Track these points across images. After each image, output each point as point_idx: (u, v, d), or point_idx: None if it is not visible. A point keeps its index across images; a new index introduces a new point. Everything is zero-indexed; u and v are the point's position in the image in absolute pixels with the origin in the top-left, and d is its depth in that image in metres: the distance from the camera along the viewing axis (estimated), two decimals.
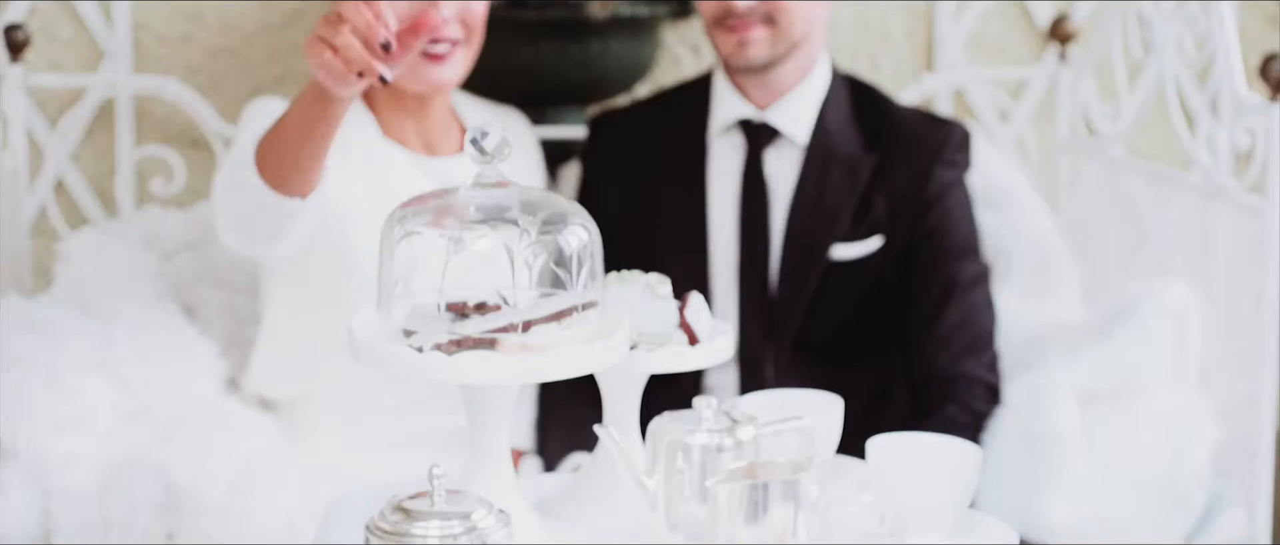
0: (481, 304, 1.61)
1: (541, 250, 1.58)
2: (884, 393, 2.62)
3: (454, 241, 1.57)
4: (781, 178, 2.62)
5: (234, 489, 2.15)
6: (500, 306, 1.60)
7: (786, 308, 2.57)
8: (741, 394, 2.56)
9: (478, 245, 1.57)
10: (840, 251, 2.58)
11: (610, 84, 3.03)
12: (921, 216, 2.57)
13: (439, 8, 2.34)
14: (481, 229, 1.58)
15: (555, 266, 1.59)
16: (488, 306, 1.61)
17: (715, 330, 1.83)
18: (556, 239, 1.60)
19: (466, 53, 2.46)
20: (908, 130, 2.63)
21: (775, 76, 2.60)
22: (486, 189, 1.63)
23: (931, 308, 2.55)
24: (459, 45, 2.44)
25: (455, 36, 2.43)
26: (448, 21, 2.38)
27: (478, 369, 1.55)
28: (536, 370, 1.57)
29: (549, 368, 1.57)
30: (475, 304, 1.61)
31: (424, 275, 1.59)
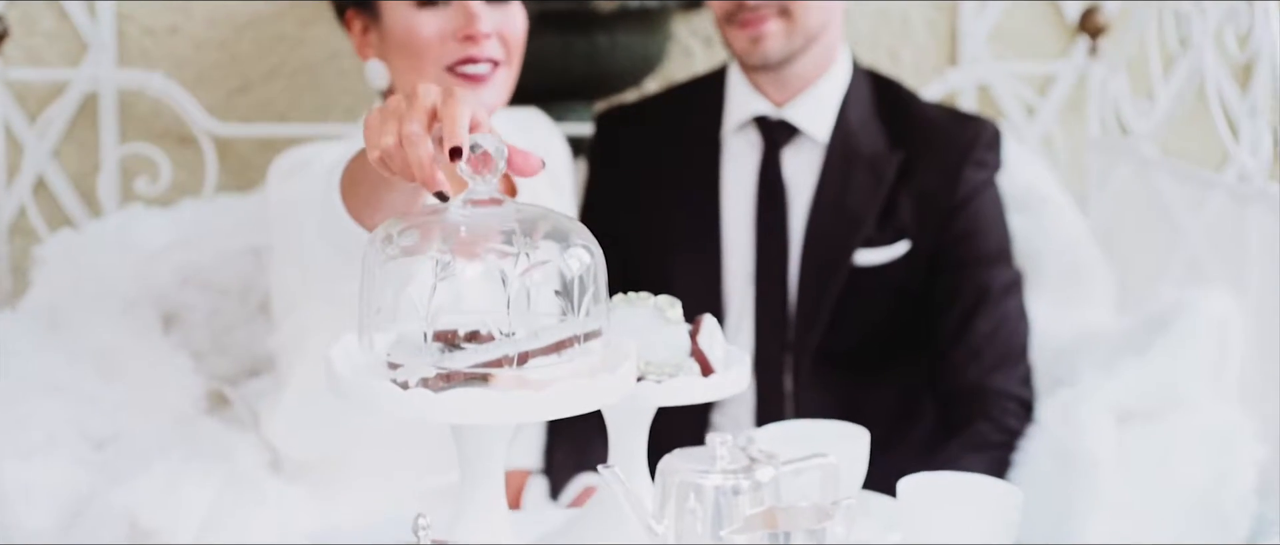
0: (473, 333, 1.46)
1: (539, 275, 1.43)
2: (909, 407, 2.53)
3: (442, 266, 1.41)
4: (800, 178, 2.51)
5: (205, 529, 2.00)
6: (494, 336, 1.45)
7: (806, 317, 2.47)
8: (758, 407, 2.48)
9: (468, 271, 1.42)
10: (863, 257, 2.47)
11: (618, 79, 2.93)
12: (950, 219, 2.47)
13: (476, 22, 2.20)
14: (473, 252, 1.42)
15: (555, 292, 1.44)
16: (480, 336, 1.46)
17: (730, 357, 1.68)
18: (556, 263, 1.44)
19: (507, 74, 2.29)
20: (935, 128, 2.52)
21: (793, 72, 2.49)
22: (479, 207, 1.47)
23: (961, 317, 2.44)
24: (500, 66, 2.27)
25: (495, 56, 2.26)
26: (487, 38, 2.22)
27: (467, 407, 1.40)
28: (533, 408, 1.42)
29: (547, 405, 1.42)
30: (466, 333, 1.46)
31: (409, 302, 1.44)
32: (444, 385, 1.43)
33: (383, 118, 1.51)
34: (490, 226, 1.45)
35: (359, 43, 2.30)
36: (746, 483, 1.51)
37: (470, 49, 2.21)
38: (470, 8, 2.21)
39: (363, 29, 2.28)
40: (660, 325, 1.64)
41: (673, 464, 1.54)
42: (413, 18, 2.22)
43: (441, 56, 2.22)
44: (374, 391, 1.42)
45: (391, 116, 1.50)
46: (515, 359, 1.44)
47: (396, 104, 1.50)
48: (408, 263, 1.44)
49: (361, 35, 2.29)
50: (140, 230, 2.60)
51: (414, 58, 2.22)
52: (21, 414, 2.14)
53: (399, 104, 1.50)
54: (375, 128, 1.51)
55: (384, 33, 2.25)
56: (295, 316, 2.24)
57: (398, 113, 1.49)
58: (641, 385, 1.60)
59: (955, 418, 2.42)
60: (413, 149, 1.47)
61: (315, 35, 3.00)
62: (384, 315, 1.47)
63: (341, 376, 1.45)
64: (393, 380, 1.43)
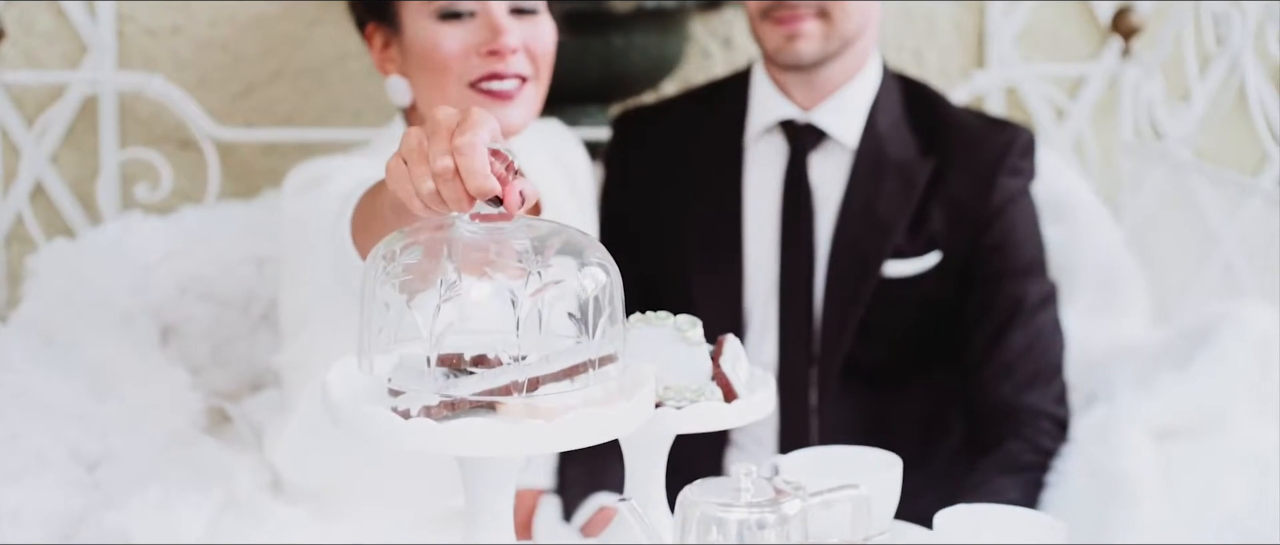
0: (480, 357, 1.36)
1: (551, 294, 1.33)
2: (937, 423, 2.46)
3: (447, 285, 1.31)
4: (827, 185, 2.43)
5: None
6: (502, 361, 1.35)
7: (832, 329, 2.39)
8: (782, 422, 2.41)
9: (475, 290, 1.32)
10: (893, 267, 2.39)
11: (634, 81, 2.85)
12: (983, 230, 2.39)
13: (502, 36, 2.10)
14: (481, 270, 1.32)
15: (568, 314, 1.34)
16: (488, 360, 1.36)
17: (754, 380, 1.58)
18: (569, 282, 1.34)
19: (536, 90, 2.19)
20: (967, 134, 2.44)
21: (823, 75, 2.42)
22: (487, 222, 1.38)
23: (994, 331, 2.37)
24: (527, 82, 2.16)
25: (522, 72, 2.15)
26: (514, 53, 2.11)
27: (472, 438, 1.30)
28: (543, 439, 1.32)
29: (558, 436, 1.32)
30: (473, 357, 1.36)
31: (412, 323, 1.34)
32: (448, 414, 1.33)
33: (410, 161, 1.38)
34: (500, 243, 1.35)
35: (379, 58, 2.20)
36: (772, 517, 1.41)
37: (496, 65, 2.11)
38: (496, 21, 2.11)
39: (383, 43, 2.19)
40: (680, 347, 1.55)
41: (694, 496, 1.45)
42: (435, 31, 2.12)
43: (465, 72, 2.12)
44: (372, 420, 1.32)
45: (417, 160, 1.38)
46: (525, 385, 1.34)
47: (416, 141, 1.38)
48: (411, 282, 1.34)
49: (382, 50, 2.20)
50: (138, 239, 2.51)
51: (436, 74, 2.12)
52: (11, 433, 2.05)
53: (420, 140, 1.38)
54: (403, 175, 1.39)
55: (405, 47, 2.15)
56: (303, 336, 2.16)
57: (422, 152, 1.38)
58: (660, 412, 1.50)
59: (987, 437, 2.34)
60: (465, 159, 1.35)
61: (321, 36, 2.91)
62: (385, 336, 1.37)
63: (338, 403, 1.35)
64: (393, 408, 1.33)
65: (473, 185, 1.34)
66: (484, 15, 2.11)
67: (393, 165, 1.39)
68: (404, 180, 1.38)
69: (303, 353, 2.14)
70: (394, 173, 1.39)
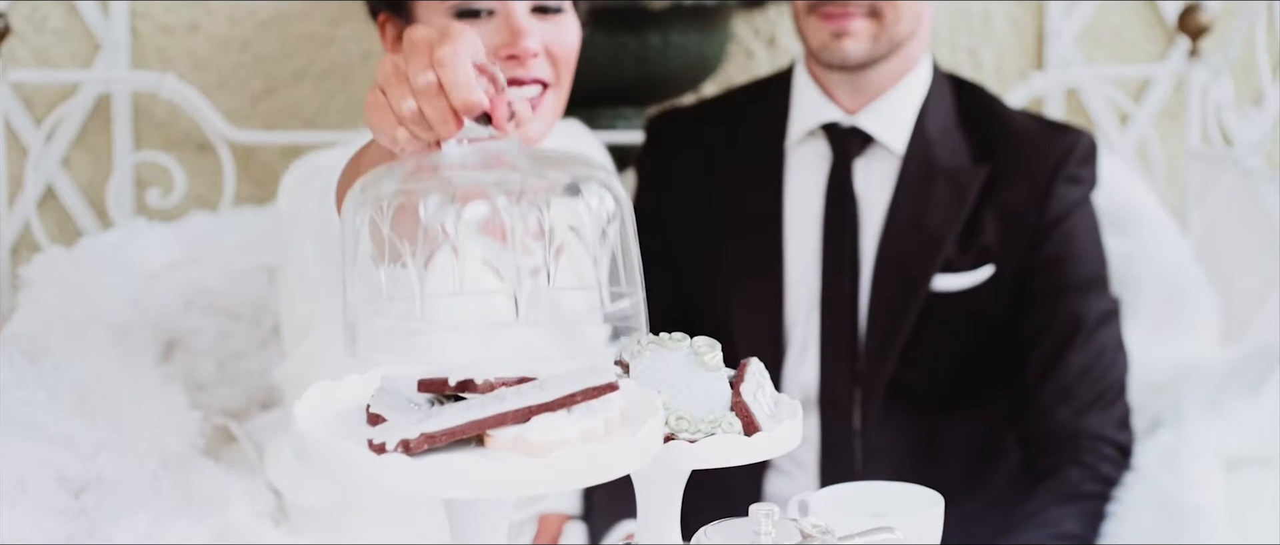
0: (465, 382, 1.22)
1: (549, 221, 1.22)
2: (991, 448, 2.35)
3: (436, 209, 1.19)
4: (873, 193, 2.31)
5: None
6: (491, 385, 1.21)
7: (877, 347, 2.27)
8: (823, 446, 2.29)
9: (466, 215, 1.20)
10: (943, 282, 2.27)
11: (672, 82, 2.74)
12: (1040, 242, 2.27)
13: (522, 39, 1.97)
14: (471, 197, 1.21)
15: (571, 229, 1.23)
16: (475, 385, 1.22)
17: (779, 410, 1.43)
18: (571, 204, 1.24)
19: (556, 97, 2.06)
20: (1024, 139, 2.32)
21: (870, 77, 2.30)
22: (479, 145, 1.26)
23: (1051, 351, 2.25)
24: (548, 89, 2.04)
25: (543, 77, 2.02)
26: (535, 57, 1.98)
27: (452, 478, 1.16)
28: (533, 479, 1.17)
29: (550, 476, 1.17)
30: (458, 382, 1.22)
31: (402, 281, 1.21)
32: (427, 447, 1.18)
33: (388, 87, 1.29)
34: (497, 163, 1.25)
35: (391, 50, 2.07)
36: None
37: (515, 69, 1.98)
38: (517, 22, 1.97)
39: (396, 36, 2.07)
40: (696, 372, 1.40)
41: (711, 538, 1.30)
42: None
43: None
44: (341, 455, 1.17)
45: (396, 83, 1.29)
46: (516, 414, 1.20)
47: (391, 66, 1.29)
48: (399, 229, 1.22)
49: (394, 42, 2.08)
50: (139, 247, 2.40)
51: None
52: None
53: (396, 64, 1.29)
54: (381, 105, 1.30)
55: None
56: (304, 345, 2.03)
57: (400, 75, 1.29)
58: (670, 446, 1.35)
59: (1043, 463, 2.23)
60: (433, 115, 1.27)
61: (345, 34, 2.80)
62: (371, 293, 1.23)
63: (305, 435, 1.20)
64: (369, 440, 1.19)
65: (458, 98, 1.26)
66: (504, 15, 1.98)
67: (370, 99, 1.29)
68: (382, 110, 1.29)
69: (304, 363, 2.04)
70: (372, 105, 1.29)
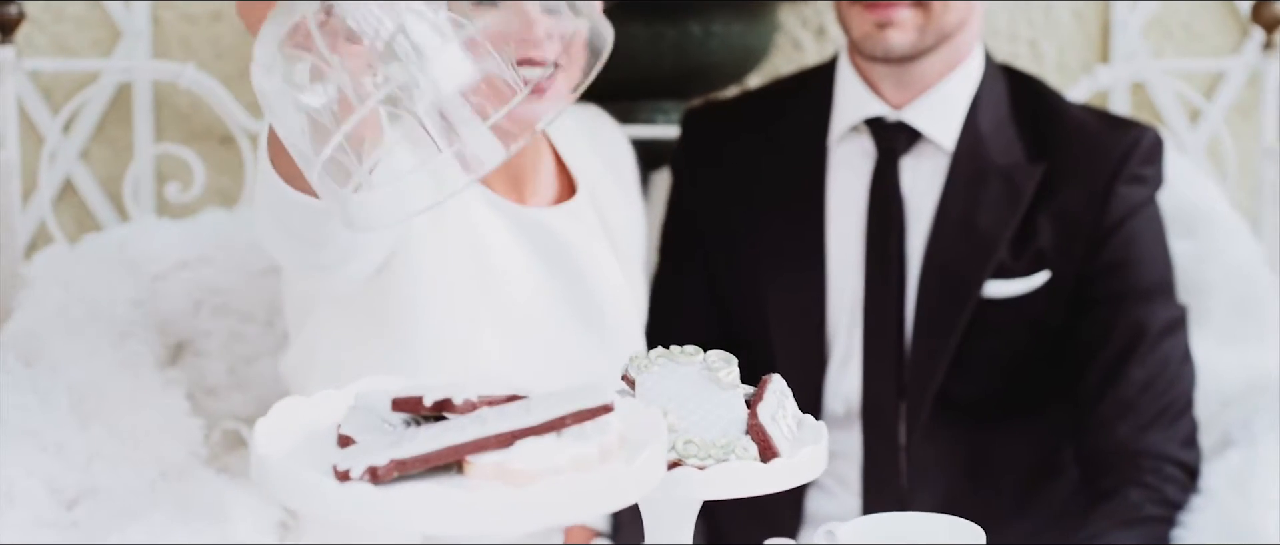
0: (443, 402, 1.10)
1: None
2: (1047, 466, 2.24)
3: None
4: (921, 193, 2.21)
5: None
6: (474, 404, 1.09)
7: (925, 357, 2.17)
8: (866, 462, 2.20)
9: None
10: (994, 288, 2.17)
11: (714, 74, 2.63)
12: (1100, 245, 2.17)
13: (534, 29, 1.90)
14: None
15: None
16: (453, 404, 1.10)
17: (803, 433, 1.30)
18: None
19: (566, 80, 1.97)
20: (1083, 135, 2.21)
21: (916, 70, 2.19)
22: None
23: (1111, 362, 2.15)
24: (561, 69, 1.95)
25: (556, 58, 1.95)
26: (549, 39, 1.91)
27: (422, 511, 1.04)
28: (513, 511, 1.05)
29: (536, 507, 1.05)
30: (435, 401, 1.10)
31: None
32: (397, 474, 1.06)
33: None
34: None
35: None
36: None
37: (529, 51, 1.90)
38: (528, 12, 1.88)
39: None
40: (709, 390, 1.28)
41: None
42: None
43: None
44: (300, 483, 1.05)
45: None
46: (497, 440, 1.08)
47: None
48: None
49: None
50: (147, 245, 2.31)
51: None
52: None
53: None
54: None
55: None
56: (305, 332, 1.99)
57: None
58: (676, 473, 1.22)
59: (1102, 484, 2.12)
60: None
61: None
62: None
63: (263, 458, 1.09)
64: (335, 467, 1.07)
65: None
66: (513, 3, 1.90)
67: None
68: None
69: (305, 352, 1.97)
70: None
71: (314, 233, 1.66)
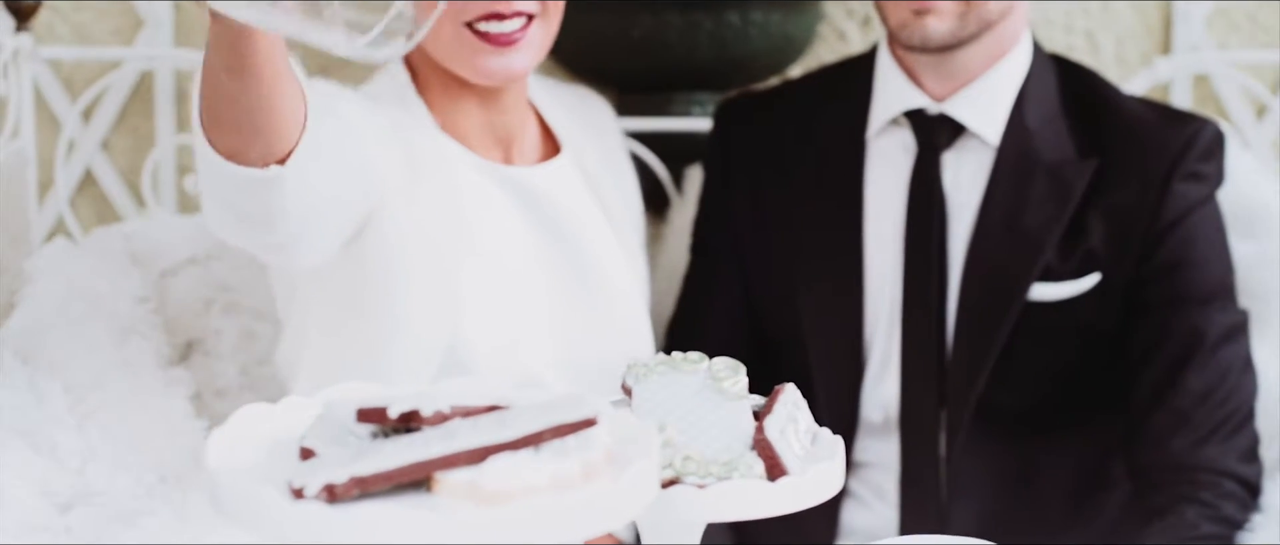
0: (410, 413, 1.00)
1: None
2: (1097, 480, 2.13)
3: None
4: (964, 190, 2.11)
5: None
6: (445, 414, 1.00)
7: (967, 363, 2.07)
8: (904, 475, 2.10)
9: None
10: (1041, 290, 2.06)
11: (753, 66, 2.52)
12: (1154, 246, 2.06)
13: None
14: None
15: None
16: (421, 416, 1.00)
17: (817, 448, 1.20)
18: None
19: (543, 31, 1.95)
20: (1138, 129, 2.10)
21: (958, 60, 2.08)
22: None
23: (1166, 371, 2.04)
24: (533, 21, 1.92)
25: (528, 9, 1.91)
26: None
27: (384, 531, 0.94)
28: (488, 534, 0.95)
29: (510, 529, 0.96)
30: (402, 412, 1.00)
31: None
32: (357, 491, 0.97)
33: None
34: None
35: None
36: None
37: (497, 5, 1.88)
38: None
39: None
40: (714, 400, 1.17)
41: None
42: None
43: (461, 9, 1.87)
44: (249, 501, 0.96)
45: None
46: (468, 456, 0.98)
47: None
48: None
49: None
50: (155, 240, 2.23)
51: (422, 12, 1.86)
52: None
53: None
54: None
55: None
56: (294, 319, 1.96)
57: None
58: (673, 492, 1.12)
59: (1156, 500, 2.01)
60: None
61: None
62: None
63: (214, 472, 0.99)
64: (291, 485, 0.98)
65: None
66: None
67: None
68: None
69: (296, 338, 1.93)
70: None
71: (262, 209, 1.59)
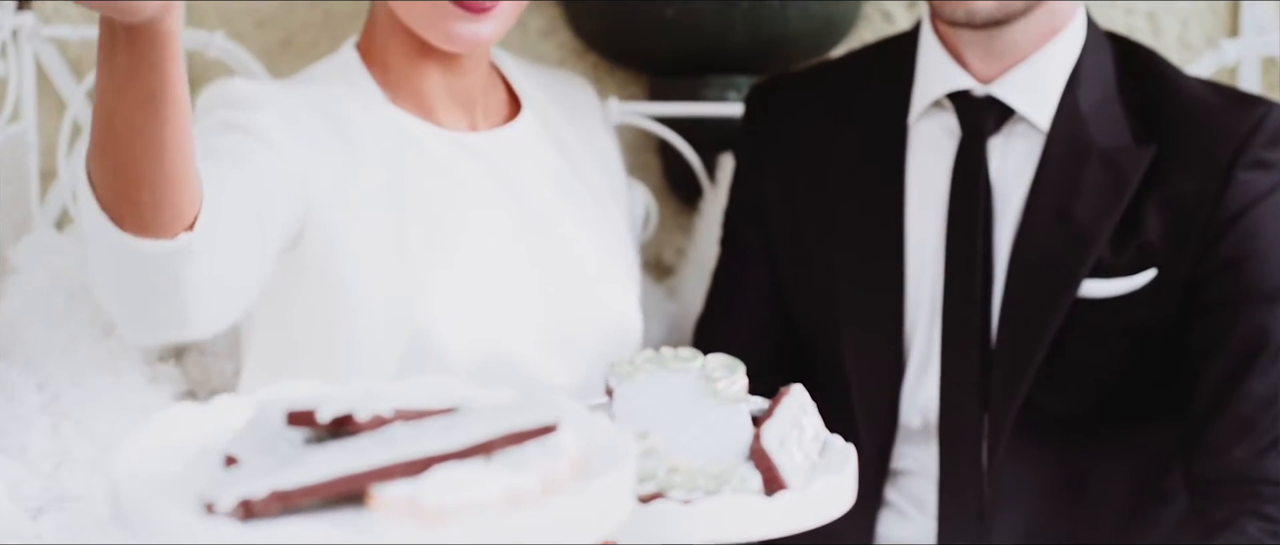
0: (343, 418, 0.88)
1: None
2: (1151, 491, 2.01)
3: None
4: (1011, 177, 1.97)
5: None
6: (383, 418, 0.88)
7: (1011, 363, 1.94)
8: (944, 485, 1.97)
9: None
10: (1093, 287, 1.93)
11: (791, 49, 2.40)
12: (1216, 240, 1.92)
13: None
14: None
15: None
16: (355, 422, 0.88)
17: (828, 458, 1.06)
18: None
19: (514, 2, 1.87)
20: (1199, 113, 1.97)
21: (1006, 38, 1.95)
22: None
23: (1228, 375, 1.90)
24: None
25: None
26: None
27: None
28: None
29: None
30: (334, 416, 0.88)
31: None
32: (281, 507, 0.85)
33: None
34: None
35: None
36: None
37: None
38: None
39: None
40: (706, 404, 1.04)
41: None
42: None
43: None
44: (151, 518, 0.84)
45: None
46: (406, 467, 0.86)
47: None
48: None
49: None
50: None
51: None
52: None
53: None
54: None
55: None
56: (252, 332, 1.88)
57: None
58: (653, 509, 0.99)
59: (1215, 514, 1.88)
60: None
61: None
62: None
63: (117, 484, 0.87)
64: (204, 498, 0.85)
65: None
66: None
67: None
68: None
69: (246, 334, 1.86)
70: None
71: (170, 284, 1.40)
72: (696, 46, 2.35)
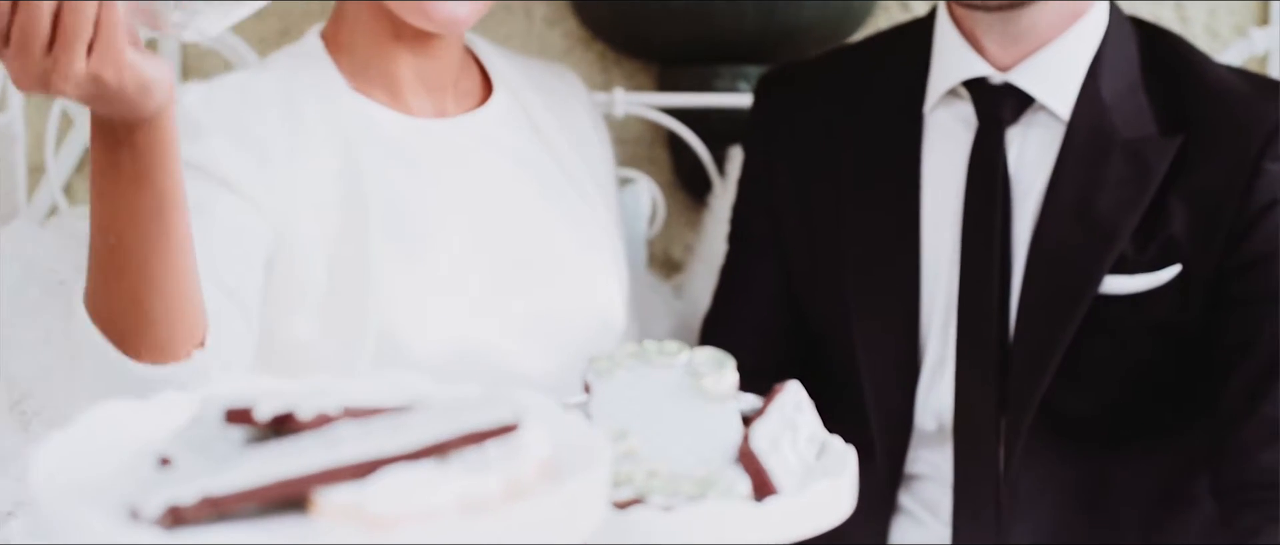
0: (285, 418, 0.81)
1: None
2: (1176, 496, 1.94)
3: None
4: (1030, 169, 1.91)
5: None
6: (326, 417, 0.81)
7: (1030, 365, 1.87)
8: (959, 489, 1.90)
9: None
10: (1115, 283, 1.86)
11: (805, 38, 2.35)
12: (1244, 235, 1.85)
13: None
14: None
15: None
16: (297, 420, 0.81)
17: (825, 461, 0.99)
18: None
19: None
20: (1228, 102, 1.89)
21: (1025, 22, 1.87)
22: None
23: (1255, 376, 1.84)
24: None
25: None
26: None
27: None
28: None
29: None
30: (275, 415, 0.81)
31: None
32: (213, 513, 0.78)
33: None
34: None
35: None
36: None
37: None
38: None
39: None
40: (691, 402, 0.97)
41: None
42: None
43: None
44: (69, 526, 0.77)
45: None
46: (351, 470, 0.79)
47: None
48: None
49: None
50: None
51: None
52: None
53: None
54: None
55: None
56: None
57: None
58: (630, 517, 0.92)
59: (1243, 520, 1.81)
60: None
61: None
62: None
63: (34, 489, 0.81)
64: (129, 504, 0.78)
65: None
66: None
67: None
68: None
69: None
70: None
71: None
72: (707, 35, 2.30)
